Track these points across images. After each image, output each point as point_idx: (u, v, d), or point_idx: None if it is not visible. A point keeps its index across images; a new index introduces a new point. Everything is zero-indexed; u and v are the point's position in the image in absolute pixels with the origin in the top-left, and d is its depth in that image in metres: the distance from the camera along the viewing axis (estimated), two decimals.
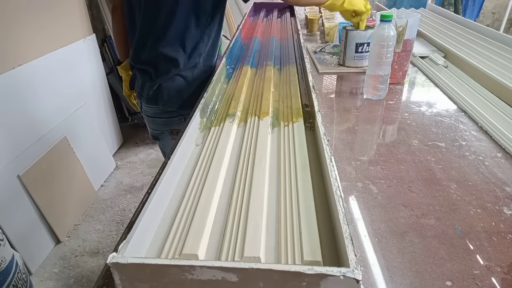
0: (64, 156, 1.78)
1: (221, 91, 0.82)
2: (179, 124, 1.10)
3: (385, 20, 0.86)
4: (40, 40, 1.71)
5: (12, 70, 1.52)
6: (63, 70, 1.86)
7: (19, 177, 1.49)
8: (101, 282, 0.38)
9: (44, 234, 1.63)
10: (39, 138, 1.64)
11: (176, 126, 1.11)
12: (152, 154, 2.44)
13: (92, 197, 1.99)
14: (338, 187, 0.40)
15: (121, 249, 0.33)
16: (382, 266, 0.45)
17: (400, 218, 0.53)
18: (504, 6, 3.34)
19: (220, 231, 0.41)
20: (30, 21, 1.64)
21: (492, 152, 0.69)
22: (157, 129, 1.15)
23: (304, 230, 0.39)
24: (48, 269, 1.59)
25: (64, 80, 1.87)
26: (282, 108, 0.71)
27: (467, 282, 0.43)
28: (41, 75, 1.70)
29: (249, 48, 1.14)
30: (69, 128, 1.85)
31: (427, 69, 1.11)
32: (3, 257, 1.14)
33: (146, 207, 0.39)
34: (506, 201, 0.55)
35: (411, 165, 0.65)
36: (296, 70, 0.92)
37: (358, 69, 1.15)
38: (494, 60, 1.06)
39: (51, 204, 1.64)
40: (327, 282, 0.29)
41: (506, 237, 0.49)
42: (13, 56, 1.54)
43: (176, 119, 1.10)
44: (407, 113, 0.86)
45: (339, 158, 0.68)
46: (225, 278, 0.30)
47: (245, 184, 0.48)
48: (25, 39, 1.61)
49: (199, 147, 0.59)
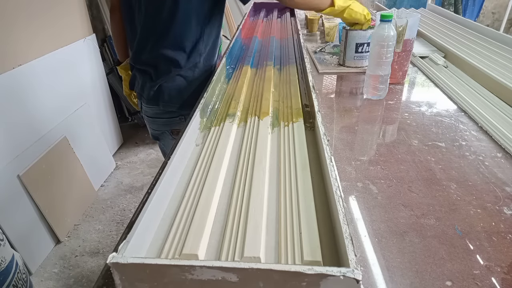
0: (64, 156, 1.78)
1: (221, 91, 0.82)
2: (180, 124, 1.10)
3: (385, 20, 0.86)
4: (40, 40, 1.71)
5: (12, 70, 1.52)
6: (63, 70, 1.86)
7: (19, 177, 1.49)
8: (101, 282, 0.38)
9: (44, 234, 1.63)
10: (39, 138, 1.64)
11: (177, 126, 1.11)
12: (152, 154, 2.44)
13: (92, 197, 1.99)
14: (338, 187, 0.40)
15: (121, 249, 0.33)
16: (382, 266, 0.45)
17: (400, 218, 0.53)
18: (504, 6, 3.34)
19: (220, 231, 0.41)
20: (30, 21, 1.64)
21: (492, 152, 0.69)
22: (158, 129, 1.15)
23: (304, 230, 0.39)
24: (48, 269, 1.59)
25: (64, 80, 1.87)
26: (282, 108, 0.71)
27: (467, 282, 0.43)
28: (41, 75, 1.70)
29: (249, 48, 1.14)
30: (69, 128, 1.85)
31: (427, 69, 1.11)
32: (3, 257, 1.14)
33: (146, 207, 0.39)
34: (506, 201, 0.55)
35: (411, 165, 0.65)
36: (296, 70, 0.92)
37: (358, 69, 1.15)
38: (494, 60, 1.06)
39: (51, 204, 1.64)
40: (327, 282, 0.29)
41: (506, 237, 0.49)
42: (13, 56, 1.54)
43: (177, 119, 1.10)
44: (407, 113, 0.86)
45: (339, 158, 0.68)
46: (225, 278, 0.30)
47: (245, 184, 0.48)
48: (25, 39, 1.61)
49: (199, 147, 0.59)
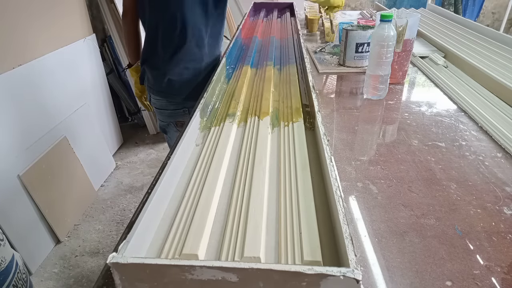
0: (64, 156, 1.78)
1: (221, 91, 0.82)
2: (183, 116, 1.16)
3: (385, 20, 0.86)
4: (40, 40, 1.71)
5: (12, 70, 1.52)
6: (63, 70, 1.86)
7: (19, 177, 1.49)
8: (101, 282, 0.38)
9: (44, 234, 1.63)
10: (39, 138, 1.64)
11: (181, 118, 1.17)
12: (152, 154, 2.44)
13: (92, 197, 1.99)
14: (338, 187, 0.40)
15: (121, 249, 0.33)
16: (382, 266, 0.45)
17: (400, 218, 0.53)
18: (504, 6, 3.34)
19: (220, 231, 0.41)
20: (30, 21, 1.64)
21: (492, 152, 0.69)
22: (164, 120, 1.20)
23: (304, 230, 0.39)
24: (48, 269, 1.59)
25: (64, 80, 1.87)
26: (282, 108, 0.71)
27: (467, 282, 0.43)
28: (41, 75, 1.70)
29: (249, 48, 1.14)
30: (69, 128, 1.84)
31: (427, 69, 1.11)
32: (3, 257, 1.14)
33: (146, 207, 0.39)
34: (506, 201, 0.55)
35: (411, 165, 0.65)
36: (296, 70, 0.92)
37: (358, 69, 1.15)
38: (494, 60, 1.06)
39: (51, 204, 1.64)
40: (327, 282, 0.29)
41: (506, 237, 0.49)
42: (13, 56, 1.54)
43: (181, 111, 1.15)
44: (407, 113, 0.86)
45: (339, 158, 0.68)
46: (225, 278, 0.30)
47: (245, 184, 0.48)
48: (25, 39, 1.61)
49: (199, 147, 0.59)
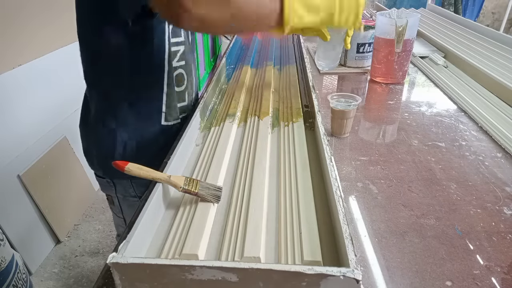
0: (64, 156, 1.77)
1: (221, 91, 0.82)
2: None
3: None
4: (40, 40, 1.70)
5: (12, 70, 1.52)
6: (63, 70, 1.85)
7: (19, 177, 1.49)
8: (101, 282, 0.38)
9: (44, 234, 1.63)
10: (39, 138, 1.64)
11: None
12: None
13: (92, 197, 1.99)
14: (338, 187, 0.40)
15: (121, 249, 0.33)
16: (382, 266, 0.45)
17: (400, 218, 0.53)
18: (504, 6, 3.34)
19: (220, 231, 0.41)
20: (30, 21, 1.64)
21: (492, 152, 0.69)
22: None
23: (304, 230, 0.39)
24: (48, 269, 1.58)
25: (64, 80, 1.86)
26: (282, 108, 0.71)
27: (467, 282, 0.43)
28: (41, 75, 1.70)
29: (249, 48, 1.14)
30: (69, 128, 1.84)
31: (427, 69, 1.11)
32: (3, 257, 1.14)
33: (146, 207, 0.39)
34: (506, 201, 0.55)
35: (411, 165, 0.65)
36: (296, 70, 0.92)
37: (360, 69, 1.14)
38: (494, 60, 1.06)
39: (51, 204, 1.64)
40: (327, 282, 0.29)
41: (506, 237, 0.49)
42: (13, 56, 1.54)
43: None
44: (407, 113, 0.86)
45: (339, 158, 0.68)
46: (225, 278, 0.30)
47: (245, 184, 0.48)
48: (25, 39, 1.61)
49: (199, 147, 0.59)
